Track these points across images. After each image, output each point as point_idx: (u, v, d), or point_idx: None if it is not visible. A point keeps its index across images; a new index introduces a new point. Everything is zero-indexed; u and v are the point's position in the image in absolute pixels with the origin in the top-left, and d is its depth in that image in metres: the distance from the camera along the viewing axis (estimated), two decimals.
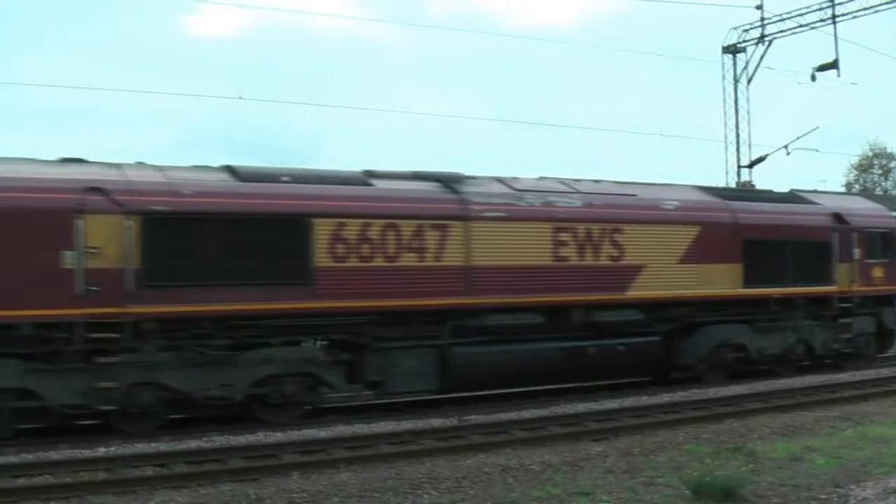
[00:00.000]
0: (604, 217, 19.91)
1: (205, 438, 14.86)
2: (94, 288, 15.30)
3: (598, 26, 73.69)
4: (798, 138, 34.56)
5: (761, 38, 36.82)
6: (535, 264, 19.01)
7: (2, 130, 43.58)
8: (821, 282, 22.94)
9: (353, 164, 15.50)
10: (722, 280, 21.25)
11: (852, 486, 10.84)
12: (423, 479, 11.75)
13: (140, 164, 17.04)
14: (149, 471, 12.58)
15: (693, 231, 20.97)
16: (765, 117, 66.43)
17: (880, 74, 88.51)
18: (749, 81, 37.61)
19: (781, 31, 36.37)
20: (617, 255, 19.94)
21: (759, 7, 36.15)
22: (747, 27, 37.26)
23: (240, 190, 16.81)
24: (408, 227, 17.77)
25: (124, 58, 63.11)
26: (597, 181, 21.19)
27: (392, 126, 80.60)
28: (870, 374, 21.95)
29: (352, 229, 17.30)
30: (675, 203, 21.14)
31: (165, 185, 16.27)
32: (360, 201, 17.65)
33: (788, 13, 35.86)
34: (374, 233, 17.47)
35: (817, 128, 36.76)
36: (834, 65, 33.64)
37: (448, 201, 18.46)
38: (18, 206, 15.09)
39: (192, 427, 16.26)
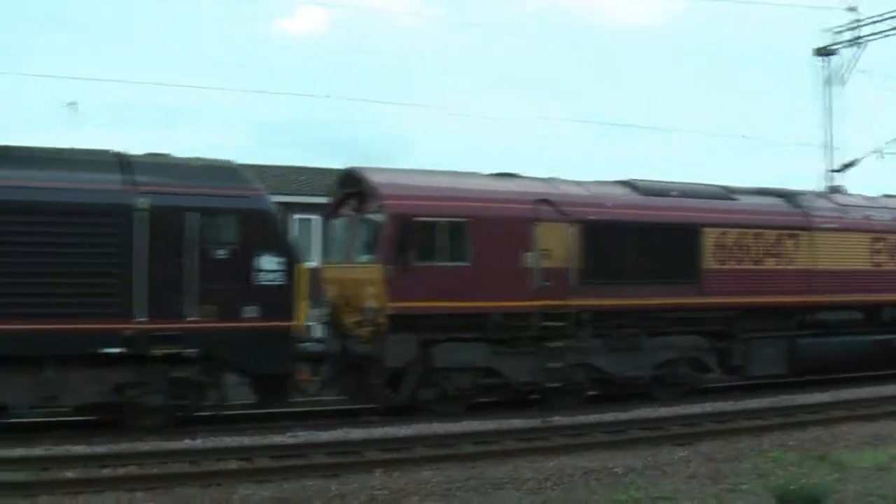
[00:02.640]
0: None
1: (289, 434, 14.86)
2: (547, 284, 17.98)
3: (683, 27, 73.17)
4: (891, 142, 33.45)
5: (855, 40, 34.71)
6: (857, 269, 21.72)
7: (103, 127, 45.51)
8: None
9: (441, 165, 17.54)
10: None
11: None
12: (505, 480, 11.59)
13: (559, 179, 19.64)
14: (233, 464, 12.62)
15: None
16: (857, 121, 66.39)
17: None
18: (841, 84, 35.50)
19: (875, 34, 34.18)
20: None
21: (853, 9, 34.15)
22: (840, 29, 35.19)
23: (644, 203, 19.49)
24: (770, 236, 20.52)
25: (213, 57, 64.17)
26: (888, 196, 23.69)
27: (473, 127, 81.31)
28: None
29: (730, 237, 20.04)
30: None
31: (592, 198, 18.94)
32: (736, 213, 20.37)
33: (881, 15, 33.71)
34: (745, 240, 20.18)
35: None
36: None
37: (796, 214, 21.15)
38: (494, 216, 17.73)
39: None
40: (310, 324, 17.75)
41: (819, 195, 22.76)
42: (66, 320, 14.43)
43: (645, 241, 19.12)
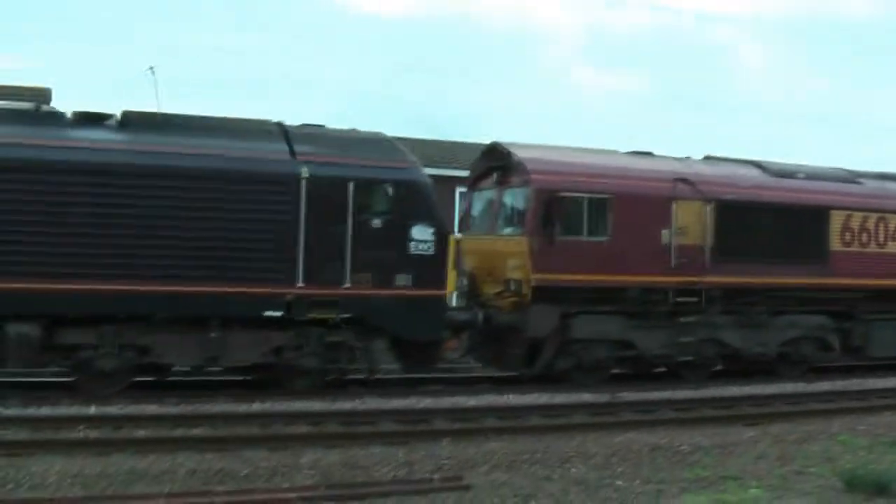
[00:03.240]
0: None
1: (359, 400, 14.82)
2: (682, 261, 18.12)
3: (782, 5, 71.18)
4: None
5: None
6: None
7: (185, 96, 45.91)
8: None
9: (517, 138, 17.37)
10: None
11: None
12: (572, 454, 11.48)
13: (692, 159, 19.69)
14: (302, 428, 12.63)
15: None
16: None
17: None
18: None
19: None
20: None
21: None
22: None
23: (774, 184, 19.52)
24: (893, 221, 20.36)
25: (293, 31, 64.10)
26: None
27: (555, 103, 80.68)
28: None
29: (856, 220, 20.05)
30: None
31: (726, 178, 19.00)
32: (861, 197, 20.33)
33: None
34: (870, 224, 20.13)
35: None
36: None
37: None
38: (636, 194, 17.89)
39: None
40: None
41: None
42: (233, 283, 14.92)
43: (775, 221, 19.18)
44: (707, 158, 19.75)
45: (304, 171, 15.31)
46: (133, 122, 15.07)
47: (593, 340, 17.72)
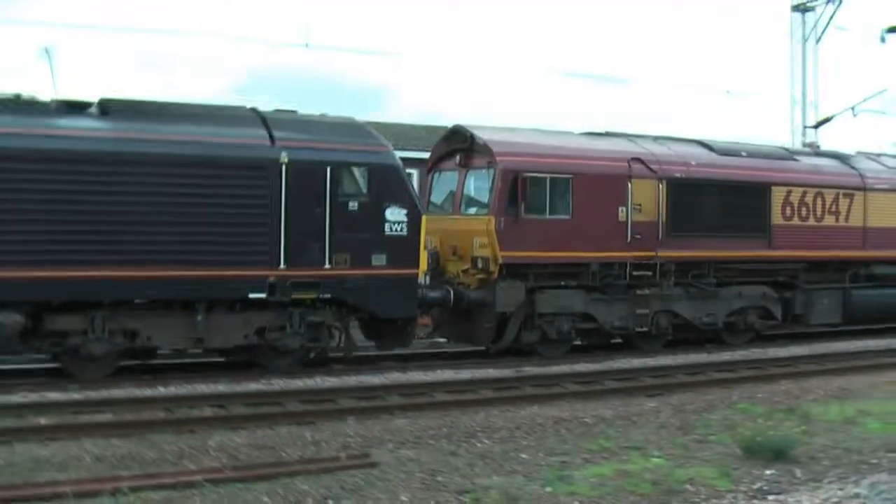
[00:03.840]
0: None
1: (263, 381, 14.88)
2: (638, 236, 18.90)
3: None
4: (865, 100, 33.27)
5: None
6: None
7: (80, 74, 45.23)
8: None
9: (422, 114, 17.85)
10: None
11: None
12: (478, 429, 11.63)
13: (644, 137, 20.46)
14: (208, 411, 12.57)
15: None
16: (833, 78, 66.36)
17: None
18: (818, 41, 35.21)
19: None
20: None
21: None
22: None
23: (720, 162, 20.41)
24: (830, 195, 21.55)
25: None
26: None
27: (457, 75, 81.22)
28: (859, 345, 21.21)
29: (795, 195, 21.05)
30: None
31: (678, 157, 19.81)
32: (800, 174, 21.36)
33: None
34: (808, 198, 21.19)
35: (885, 90, 34.84)
36: None
37: (852, 175, 22.28)
38: (595, 173, 18.59)
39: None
40: None
41: (868, 157, 23.74)
42: (217, 267, 15.17)
43: (722, 197, 20.07)
44: (657, 138, 20.47)
45: (284, 157, 15.58)
46: (113, 109, 15.14)
47: (557, 314, 18.35)
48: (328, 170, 15.91)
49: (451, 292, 17.60)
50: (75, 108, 15.07)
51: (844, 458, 10.26)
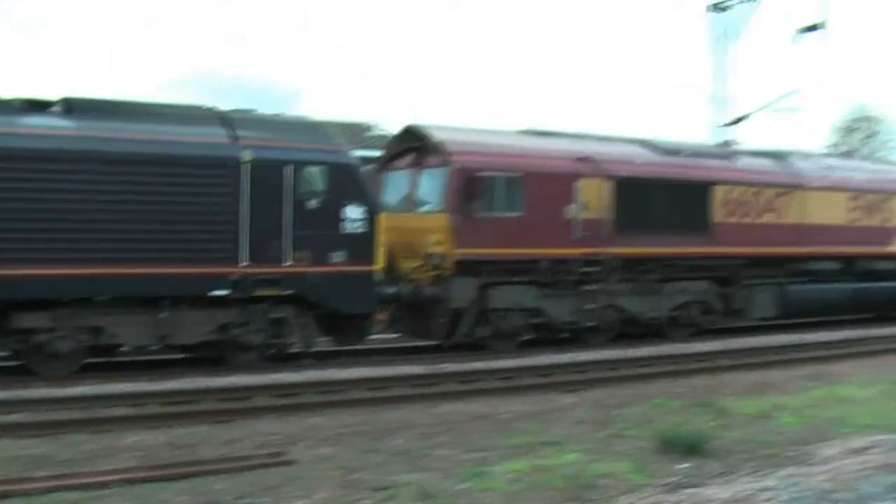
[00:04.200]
0: (881, 189, 24.69)
1: (181, 379, 14.60)
2: (586, 234, 19.49)
3: None
4: (779, 98, 34.01)
5: None
6: (838, 224, 23.72)
7: None
8: None
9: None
10: None
11: (817, 445, 10.65)
12: (396, 426, 11.51)
13: (590, 136, 21.06)
14: (123, 410, 12.32)
15: None
16: (748, 77, 68.57)
17: (866, 38, 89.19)
18: (734, 39, 35.72)
19: None
20: (885, 218, 24.67)
21: None
22: None
23: (664, 161, 21.09)
24: (767, 193, 22.34)
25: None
26: (861, 159, 25.75)
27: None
28: (840, 335, 21.95)
29: (735, 194, 21.81)
30: None
31: (623, 156, 20.43)
32: (739, 172, 22.12)
33: None
34: (747, 196, 21.95)
35: (799, 89, 35.92)
36: (820, 26, 32.09)
37: (788, 174, 23.11)
38: (546, 172, 19.13)
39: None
40: None
41: (804, 156, 24.67)
42: (182, 265, 15.37)
43: (666, 196, 20.73)
44: (601, 138, 21.06)
45: (246, 155, 15.82)
46: (78, 108, 15.24)
47: (508, 309, 18.85)
48: (289, 168, 16.18)
49: (407, 288, 17.93)
50: (38, 106, 15.14)
51: (758, 451, 10.34)
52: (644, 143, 21.52)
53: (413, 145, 19.14)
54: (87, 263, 14.71)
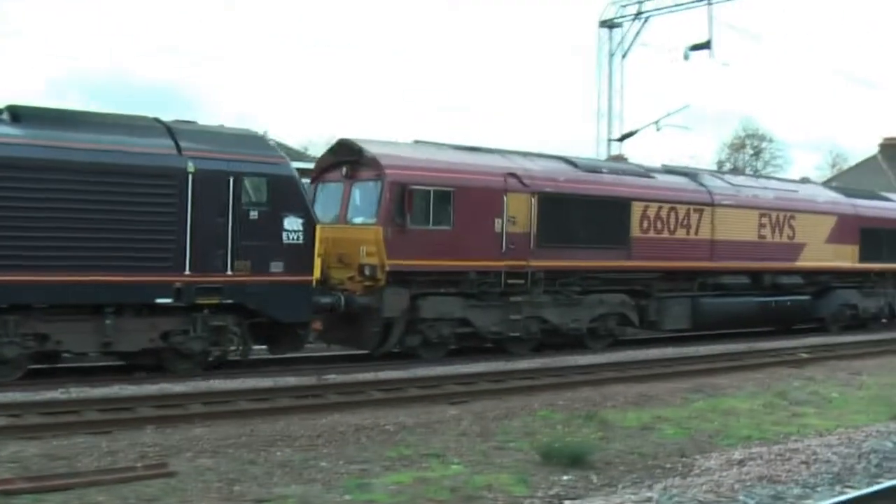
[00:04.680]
0: (786, 207, 26.05)
1: (61, 390, 14.14)
2: (512, 247, 20.26)
3: None
4: (668, 115, 34.88)
5: (638, 14, 35.95)
6: (747, 240, 25.01)
7: None
8: None
9: (231, 118, 18.52)
10: (846, 256, 27.73)
11: (697, 457, 10.79)
12: (278, 437, 11.42)
13: (515, 153, 21.85)
14: (1, 420, 11.95)
15: (832, 220, 27.35)
16: (637, 93, 71.44)
17: (751, 56, 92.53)
18: (623, 57, 36.62)
19: (658, 9, 35.59)
20: (791, 235, 26.09)
21: None
22: (625, 3, 36.35)
23: (584, 178, 22.01)
24: (682, 210, 23.46)
25: None
26: (766, 177, 27.22)
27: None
28: (720, 348, 22.51)
29: (652, 210, 22.83)
30: (823, 199, 27.48)
31: (547, 173, 21.27)
32: (656, 190, 23.18)
33: None
34: (663, 213, 23.04)
35: (688, 106, 37.22)
36: (707, 45, 33.18)
37: (701, 192, 24.22)
38: (475, 187, 19.84)
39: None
40: None
41: (714, 175, 26.02)
42: (126, 273, 15.56)
43: (586, 211, 21.58)
44: (525, 154, 21.85)
45: (190, 166, 16.08)
46: (24, 116, 15.32)
47: (438, 319, 19.44)
48: (231, 179, 16.50)
49: (342, 298, 18.39)
50: None
51: (639, 462, 10.52)
52: (565, 161, 22.37)
53: (346, 158, 19.59)
54: (33, 270, 14.79)
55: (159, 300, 15.92)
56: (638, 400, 15.07)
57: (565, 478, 9.73)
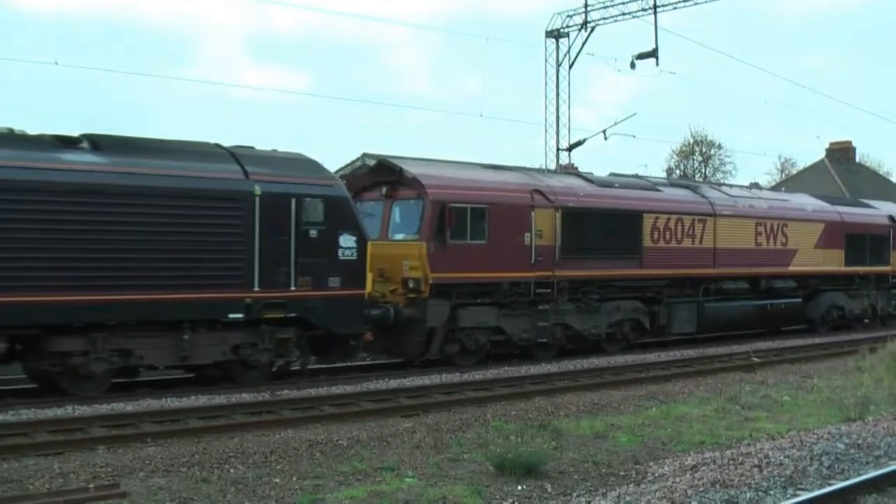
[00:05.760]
0: (779, 216, 27.45)
1: (11, 412, 13.85)
2: (539, 259, 21.36)
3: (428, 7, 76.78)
4: (616, 123, 35.36)
5: (584, 24, 36.03)
6: (746, 247, 26.33)
7: None
8: (883, 264, 31.25)
9: (178, 135, 19.20)
10: (834, 261, 29.20)
11: (651, 463, 10.79)
12: (231, 454, 11.27)
13: (537, 171, 22.98)
14: None
15: (821, 227, 28.80)
16: (585, 102, 72.57)
17: (697, 64, 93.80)
18: (571, 66, 36.80)
19: (604, 19, 35.78)
20: (784, 241, 27.50)
21: None
22: (571, 13, 36.54)
23: (600, 193, 23.18)
24: (687, 221, 24.72)
25: None
26: (758, 188, 28.59)
27: (215, 98, 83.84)
28: (675, 354, 22.79)
29: (661, 221, 24.06)
30: (811, 207, 28.94)
31: (568, 189, 22.42)
32: (664, 202, 24.40)
33: (612, 1, 35.45)
34: (671, 224, 24.27)
35: (635, 114, 38.69)
36: (653, 53, 33.37)
37: (704, 203, 25.50)
38: (507, 203, 20.93)
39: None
40: None
41: (712, 186, 27.41)
42: (202, 290, 16.41)
43: (603, 224, 22.76)
44: (543, 171, 23.01)
45: (257, 189, 16.98)
46: (103, 144, 16.10)
47: (474, 328, 20.48)
48: (293, 201, 17.40)
49: (391, 310, 19.34)
50: (68, 143, 15.90)
51: (593, 471, 10.54)
52: (580, 177, 23.56)
53: (385, 178, 20.55)
54: (119, 290, 15.58)
55: (231, 315, 16.73)
56: (591, 408, 15.12)
57: (520, 488, 9.72)
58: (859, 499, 9.03)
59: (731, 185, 28.92)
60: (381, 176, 20.75)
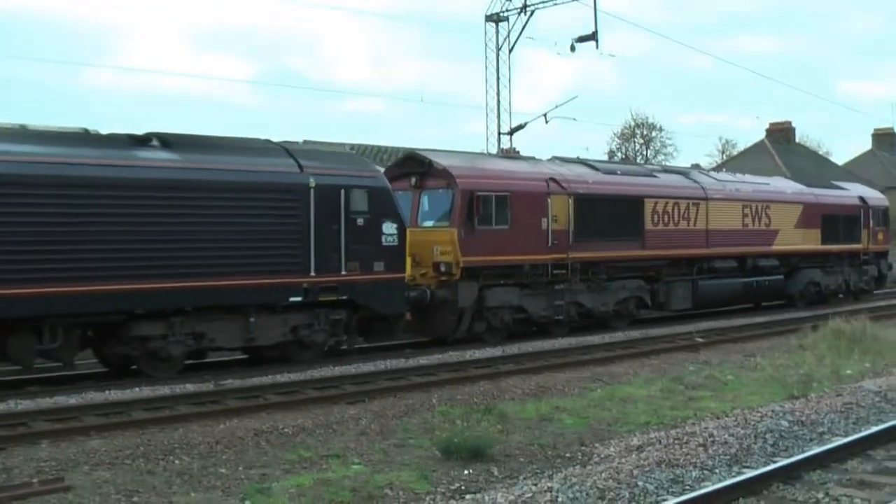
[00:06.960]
0: (763, 199, 29.10)
1: None
2: (556, 242, 22.73)
3: None
4: (557, 107, 35.42)
5: (523, 7, 35.55)
6: (734, 228, 27.92)
7: None
8: (855, 242, 33.09)
9: (112, 125, 19.78)
10: (811, 240, 30.95)
11: (597, 445, 10.77)
12: (176, 445, 11.07)
13: (544, 160, 24.31)
14: None
15: (799, 208, 30.53)
16: (526, 86, 71.32)
17: (637, 47, 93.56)
18: (510, 50, 36.28)
19: (543, 2, 35.30)
20: (767, 222, 29.14)
21: None
22: None
23: (606, 180, 24.61)
24: (683, 204, 26.23)
25: None
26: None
27: (149, 86, 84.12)
28: (619, 336, 22.43)
29: (660, 206, 25.54)
30: (791, 190, 30.68)
31: (578, 176, 23.80)
32: (662, 187, 25.90)
33: None
34: (669, 208, 25.77)
35: (576, 97, 40.67)
36: (593, 37, 33.36)
37: (697, 188, 27.05)
38: (527, 191, 22.26)
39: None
40: None
41: (701, 172, 28.94)
42: (266, 276, 17.52)
43: (610, 209, 24.20)
44: (553, 159, 24.33)
45: (311, 182, 18.10)
46: (171, 142, 17.11)
47: (500, 307, 21.80)
48: (343, 192, 18.55)
49: (427, 291, 20.57)
50: (139, 141, 16.88)
51: (539, 453, 10.49)
52: (586, 164, 24.95)
53: (415, 170, 21.75)
54: (192, 277, 16.63)
55: (292, 299, 17.85)
56: (536, 391, 14.98)
57: (466, 472, 9.71)
58: (804, 475, 8.95)
59: (717, 171, 30.44)
60: (410, 167, 21.93)
